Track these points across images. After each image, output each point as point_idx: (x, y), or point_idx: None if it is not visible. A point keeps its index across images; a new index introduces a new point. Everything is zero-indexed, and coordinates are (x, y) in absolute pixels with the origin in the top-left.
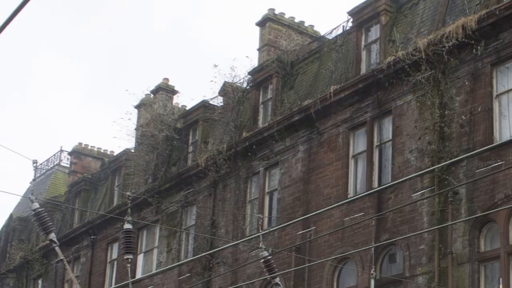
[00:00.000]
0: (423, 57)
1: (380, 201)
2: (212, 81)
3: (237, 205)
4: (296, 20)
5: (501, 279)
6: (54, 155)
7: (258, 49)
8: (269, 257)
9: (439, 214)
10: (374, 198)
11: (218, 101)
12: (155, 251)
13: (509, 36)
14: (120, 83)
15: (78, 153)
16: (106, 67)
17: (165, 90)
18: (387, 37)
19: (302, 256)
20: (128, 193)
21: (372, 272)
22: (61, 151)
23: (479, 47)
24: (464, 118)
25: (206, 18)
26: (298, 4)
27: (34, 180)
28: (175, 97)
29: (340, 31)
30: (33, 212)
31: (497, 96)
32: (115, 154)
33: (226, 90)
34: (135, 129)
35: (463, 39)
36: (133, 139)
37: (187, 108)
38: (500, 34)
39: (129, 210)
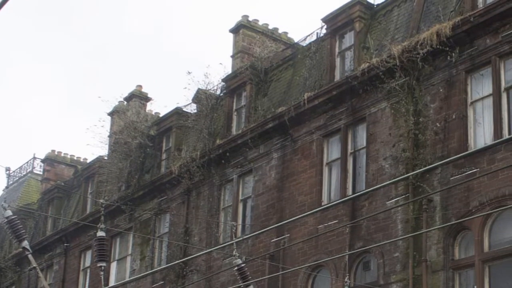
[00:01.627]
0: (398, 64)
1: (354, 209)
2: (185, 88)
3: (210, 212)
4: (270, 27)
5: (475, 287)
6: (27, 162)
7: (232, 56)
8: (242, 265)
9: (414, 221)
10: (348, 206)
11: (192, 108)
12: (129, 259)
13: (483, 43)
14: (93, 90)
15: (51, 160)
16: (79, 74)
17: (138, 97)
18: (361, 44)
19: (276, 264)
20: (101, 200)
21: (346, 280)
22: (34, 158)
23: (453, 54)
24: (438, 125)
25: (179, 25)
26: (272, 11)
27: (6, 187)
28: (148, 104)
29: (314, 38)
30: (6, 220)
31: (472, 103)
32: (88, 161)
33: (200, 97)
34: (108, 136)
35: (438, 46)
36: (106, 146)
37: (160, 115)
38: (475, 41)
39: (102, 218)
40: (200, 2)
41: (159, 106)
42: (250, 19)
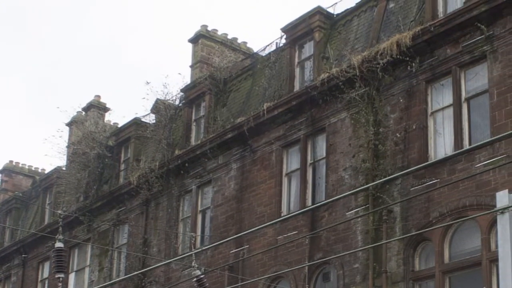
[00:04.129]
0: (357, 74)
1: (314, 220)
2: (144, 98)
3: (169, 223)
4: (229, 37)
5: None
6: None
7: (191, 66)
8: (202, 276)
9: (374, 232)
10: (308, 217)
11: (150, 119)
12: (87, 270)
13: (444, 53)
14: (51, 101)
15: (9, 171)
16: (37, 85)
17: (97, 108)
18: (321, 54)
19: (235, 275)
20: (59, 211)
21: None
22: None
23: (413, 64)
24: (398, 135)
25: (138, 34)
26: (231, 20)
27: None
28: (107, 114)
29: (273, 47)
30: None
31: (432, 113)
32: (46, 172)
33: (159, 107)
34: (67, 146)
35: (398, 56)
36: (65, 157)
37: (119, 126)
38: (435, 51)
39: (60, 229)
40: (159, 12)
41: (118, 116)
42: (209, 29)
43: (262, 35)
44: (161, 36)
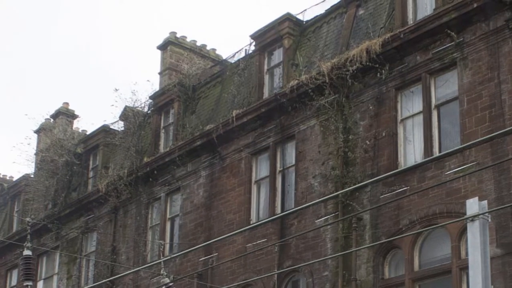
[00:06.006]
0: (327, 81)
1: (283, 227)
2: (112, 105)
3: (138, 231)
4: (198, 44)
5: None
6: None
7: (160, 73)
8: (170, 284)
9: (343, 240)
10: (277, 224)
11: (119, 126)
12: (55, 278)
13: (413, 60)
14: (19, 108)
15: None
16: (5, 92)
17: (65, 115)
18: (290, 61)
19: (204, 283)
20: (27, 219)
21: None
22: None
23: (383, 71)
24: (368, 143)
25: (106, 41)
26: (200, 27)
27: None
28: (75, 121)
29: (242, 54)
30: None
31: (402, 120)
32: (14, 179)
33: (127, 114)
34: (35, 154)
35: (367, 63)
36: (33, 164)
37: (87, 133)
38: (405, 58)
39: (28, 236)
40: (128, 18)
41: (86, 123)
42: (178, 35)
43: (231, 42)
44: (130, 43)
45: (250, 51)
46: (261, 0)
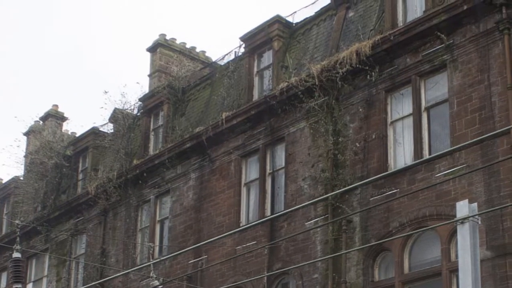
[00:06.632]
0: (317, 83)
1: (273, 230)
2: (102, 107)
3: (127, 233)
4: (188, 46)
5: None
6: None
7: (149, 75)
8: (160, 286)
9: (333, 242)
10: (267, 227)
11: (109, 128)
12: (45, 280)
13: (403, 62)
14: (9, 110)
15: None
16: None
17: (54, 117)
18: (280, 63)
19: (194, 286)
20: (17, 221)
21: None
22: None
23: (373, 73)
24: (358, 145)
25: (96, 43)
26: (189, 29)
27: None
28: (64, 124)
29: (232, 56)
30: None
31: (392, 123)
32: (3, 181)
33: (117, 116)
34: (24, 156)
35: (357, 65)
36: (22, 167)
37: (77, 135)
38: (395, 60)
39: (18, 239)
40: (117, 20)
41: (76, 126)
42: (168, 37)
43: (220, 44)
44: (119, 45)
45: (240, 53)
46: (251, 3)
